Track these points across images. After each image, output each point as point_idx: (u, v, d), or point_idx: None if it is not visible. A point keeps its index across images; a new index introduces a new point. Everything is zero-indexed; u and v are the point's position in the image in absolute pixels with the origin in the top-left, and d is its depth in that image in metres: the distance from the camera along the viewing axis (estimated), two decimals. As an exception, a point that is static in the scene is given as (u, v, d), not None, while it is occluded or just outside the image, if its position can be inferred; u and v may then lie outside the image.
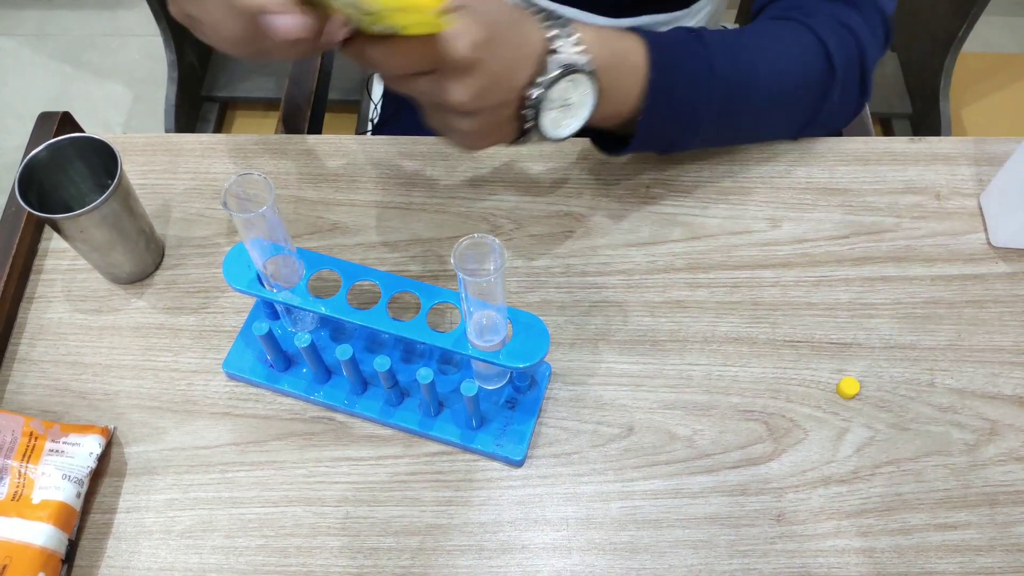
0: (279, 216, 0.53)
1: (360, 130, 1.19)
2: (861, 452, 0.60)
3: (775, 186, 0.71)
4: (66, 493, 0.56)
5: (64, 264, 0.68)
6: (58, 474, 0.56)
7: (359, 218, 0.70)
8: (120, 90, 1.81)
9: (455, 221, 0.70)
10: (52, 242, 0.69)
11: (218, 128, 1.70)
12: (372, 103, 1.14)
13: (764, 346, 0.64)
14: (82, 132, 0.66)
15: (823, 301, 0.66)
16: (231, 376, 0.63)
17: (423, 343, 0.55)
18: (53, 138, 0.62)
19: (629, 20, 0.80)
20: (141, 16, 1.91)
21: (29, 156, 0.60)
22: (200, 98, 1.69)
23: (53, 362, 0.64)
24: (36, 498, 0.55)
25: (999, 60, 1.64)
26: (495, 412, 0.60)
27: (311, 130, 1.01)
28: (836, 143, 0.74)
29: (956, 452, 0.60)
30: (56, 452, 0.57)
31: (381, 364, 0.55)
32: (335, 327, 0.64)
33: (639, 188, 0.71)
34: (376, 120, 1.11)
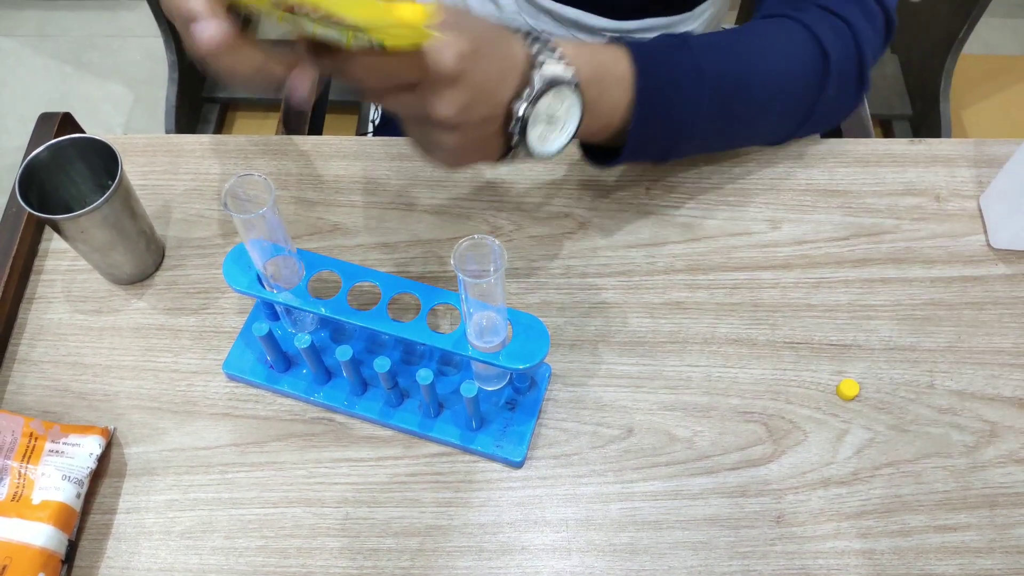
0: (279, 217, 0.53)
1: (361, 131, 1.19)
2: (861, 454, 0.60)
3: (775, 188, 0.72)
4: (66, 494, 0.56)
5: (64, 265, 0.68)
6: (58, 475, 0.56)
7: (359, 219, 0.70)
8: (121, 91, 1.81)
9: (455, 222, 0.70)
10: (52, 243, 0.69)
11: (218, 129, 1.70)
12: (373, 104, 1.14)
13: (764, 347, 0.64)
14: (82, 133, 0.66)
15: (823, 303, 0.66)
16: (231, 377, 0.63)
17: (423, 344, 0.55)
18: (54, 139, 0.62)
19: (632, 23, 0.80)
20: (142, 17, 1.91)
21: (30, 157, 0.60)
22: (201, 99, 1.69)
23: (53, 363, 0.64)
24: (36, 498, 0.55)
25: (999, 62, 1.64)
26: (495, 413, 0.60)
27: (311, 131, 1.01)
28: (836, 144, 0.74)
29: (956, 454, 0.60)
30: (56, 453, 0.57)
31: (381, 365, 0.55)
32: (335, 328, 0.64)
33: (639, 190, 0.71)
34: (377, 121, 1.11)
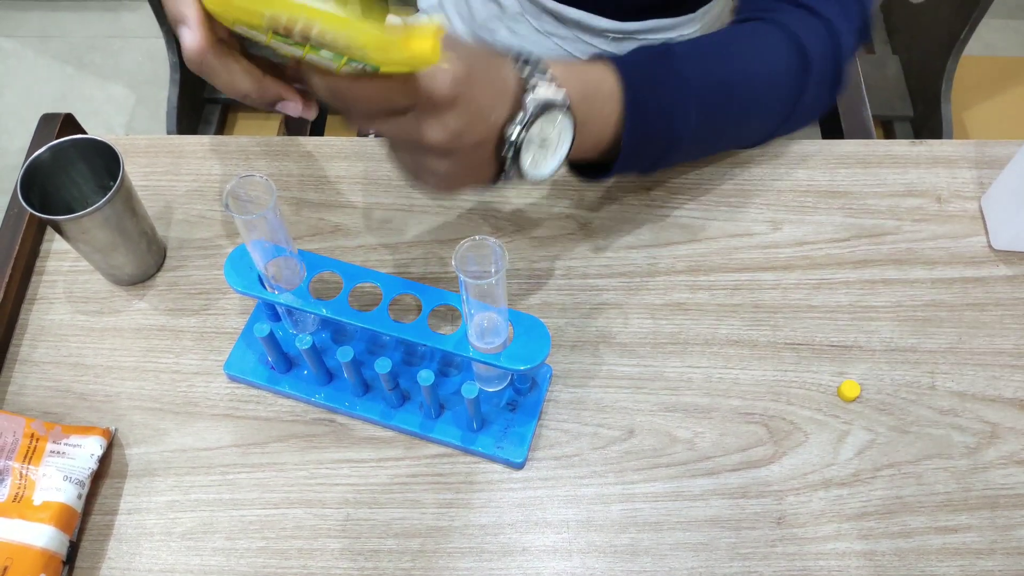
0: (280, 218, 0.53)
1: (362, 132, 1.19)
2: (862, 455, 0.60)
3: (776, 189, 0.72)
4: (67, 494, 0.56)
5: (66, 266, 0.68)
6: (59, 475, 0.56)
7: (360, 220, 0.70)
8: (122, 92, 1.81)
9: (456, 223, 0.70)
10: (54, 243, 0.69)
11: (220, 130, 1.70)
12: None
13: (765, 349, 0.64)
14: (84, 134, 0.66)
15: (824, 304, 0.66)
16: (232, 378, 0.63)
17: (424, 345, 0.55)
18: (55, 139, 0.62)
19: (635, 24, 0.80)
20: (143, 18, 1.91)
21: (31, 158, 0.60)
22: (202, 100, 1.69)
23: (54, 363, 0.64)
24: (37, 499, 0.55)
25: (1001, 63, 1.64)
26: (496, 414, 0.60)
27: (313, 132, 1.01)
28: (837, 146, 0.74)
29: (957, 455, 0.60)
30: (57, 453, 0.57)
31: (382, 366, 0.55)
32: (336, 329, 0.64)
33: (640, 191, 0.71)
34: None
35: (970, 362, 0.64)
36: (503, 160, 0.51)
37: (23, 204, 0.58)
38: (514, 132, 0.50)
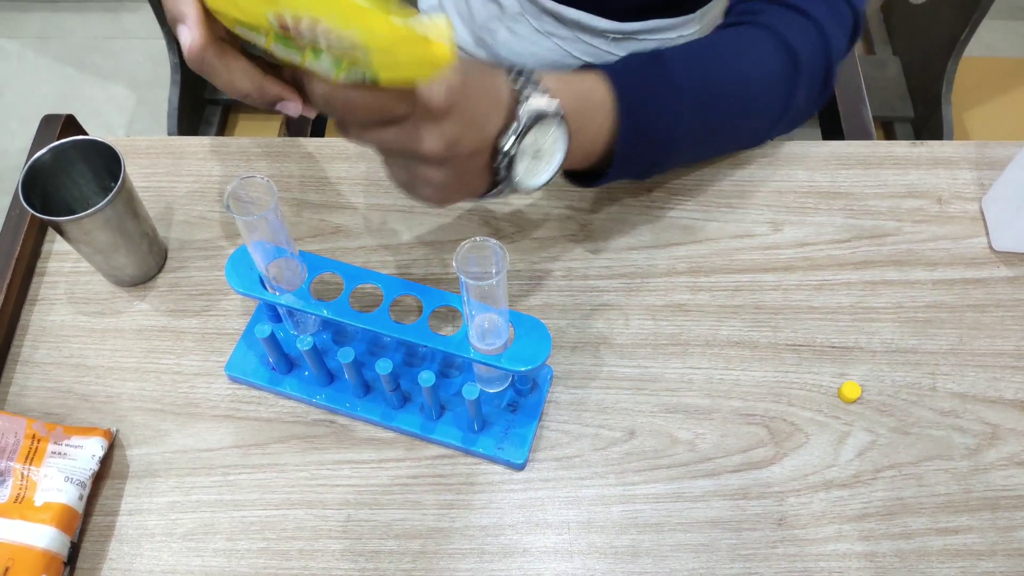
0: (281, 219, 0.53)
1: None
2: (863, 456, 0.60)
3: (777, 190, 0.72)
4: (68, 495, 0.56)
5: (67, 267, 0.68)
6: (60, 476, 0.56)
7: (361, 221, 0.70)
8: (123, 93, 1.82)
9: (457, 224, 0.70)
10: (55, 244, 0.69)
11: (221, 131, 1.70)
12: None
13: (765, 350, 0.64)
14: (85, 135, 0.66)
15: (825, 305, 0.66)
16: (233, 379, 0.63)
17: (425, 346, 0.55)
18: (56, 141, 0.62)
19: (635, 24, 0.80)
20: (144, 19, 1.92)
21: (32, 159, 0.60)
22: (203, 101, 1.69)
23: (56, 364, 0.64)
24: (39, 500, 0.55)
25: (1002, 64, 1.64)
26: (497, 415, 0.60)
27: (314, 133, 1.01)
28: (838, 147, 0.74)
29: (957, 456, 0.60)
30: (58, 454, 0.57)
31: (383, 367, 0.55)
32: (337, 330, 0.64)
33: (641, 192, 0.71)
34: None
35: (971, 363, 0.64)
36: (497, 170, 0.51)
37: (24, 205, 0.58)
38: (508, 142, 0.50)
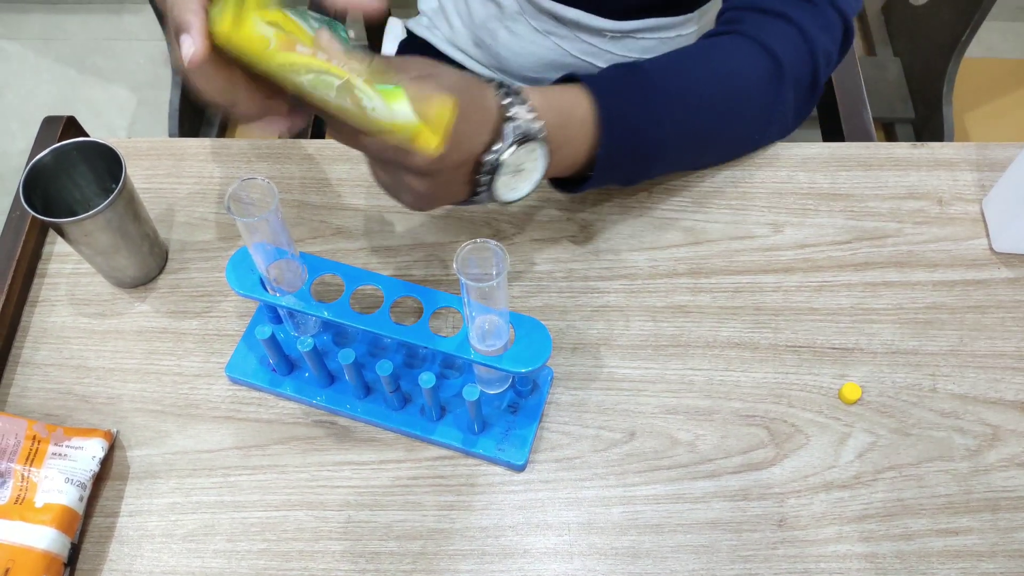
0: (282, 220, 0.53)
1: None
2: (863, 457, 0.60)
3: (777, 191, 0.72)
4: (69, 497, 0.56)
5: (68, 268, 0.68)
6: (61, 478, 0.56)
7: (362, 223, 0.70)
8: (124, 94, 1.82)
9: (457, 225, 0.70)
10: (56, 246, 0.69)
11: (222, 132, 1.70)
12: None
13: (766, 351, 0.64)
14: (86, 136, 0.66)
15: (825, 306, 0.66)
16: (234, 380, 0.63)
17: (425, 347, 0.55)
18: (58, 142, 0.62)
19: (634, 23, 0.80)
20: (146, 20, 1.92)
21: (34, 160, 0.60)
22: (204, 102, 1.69)
23: (56, 366, 0.64)
24: (39, 501, 0.55)
25: (1002, 66, 1.64)
26: (497, 416, 0.60)
27: (314, 135, 1.01)
28: (838, 148, 0.74)
29: (958, 457, 0.60)
30: (59, 456, 0.57)
31: (383, 368, 0.55)
32: (338, 331, 0.64)
33: (641, 194, 0.71)
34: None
35: (971, 364, 0.64)
36: (478, 182, 0.54)
37: (25, 207, 0.58)
38: (491, 158, 0.52)
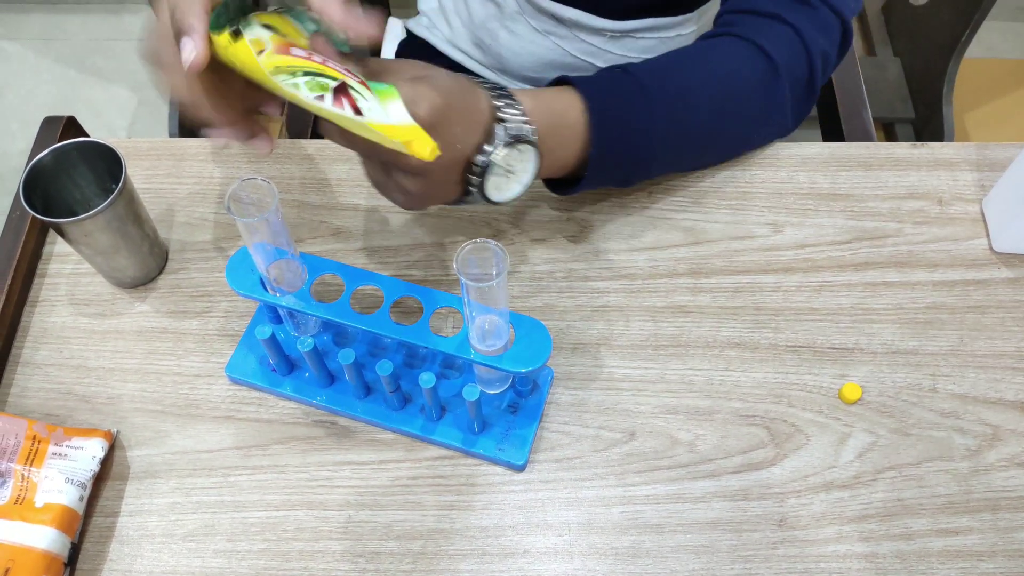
0: (282, 220, 0.53)
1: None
2: (863, 457, 0.60)
3: (777, 191, 0.72)
4: (69, 496, 0.56)
5: (68, 268, 0.68)
6: (61, 477, 0.56)
7: (362, 223, 0.70)
8: (125, 94, 1.82)
9: (457, 225, 0.70)
10: (56, 246, 0.69)
11: (222, 132, 1.70)
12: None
13: (766, 351, 0.64)
14: (86, 136, 0.66)
15: (825, 306, 0.66)
16: (234, 380, 0.63)
17: (425, 347, 0.55)
18: (58, 142, 0.62)
19: (634, 23, 0.80)
20: (146, 20, 1.92)
21: (34, 160, 0.60)
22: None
23: (56, 366, 0.64)
24: (39, 501, 0.55)
25: (1002, 66, 1.64)
26: (497, 416, 0.60)
27: (315, 135, 1.01)
28: (838, 148, 0.74)
29: (958, 457, 0.60)
30: (59, 456, 0.57)
31: (383, 368, 0.55)
32: (338, 331, 0.64)
33: (641, 194, 0.71)
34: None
35: (971, 364, 0.64)
36: (469, 182, 0.54)
37: (25, 207, 0.58)
38: (482, 159, 0.53)
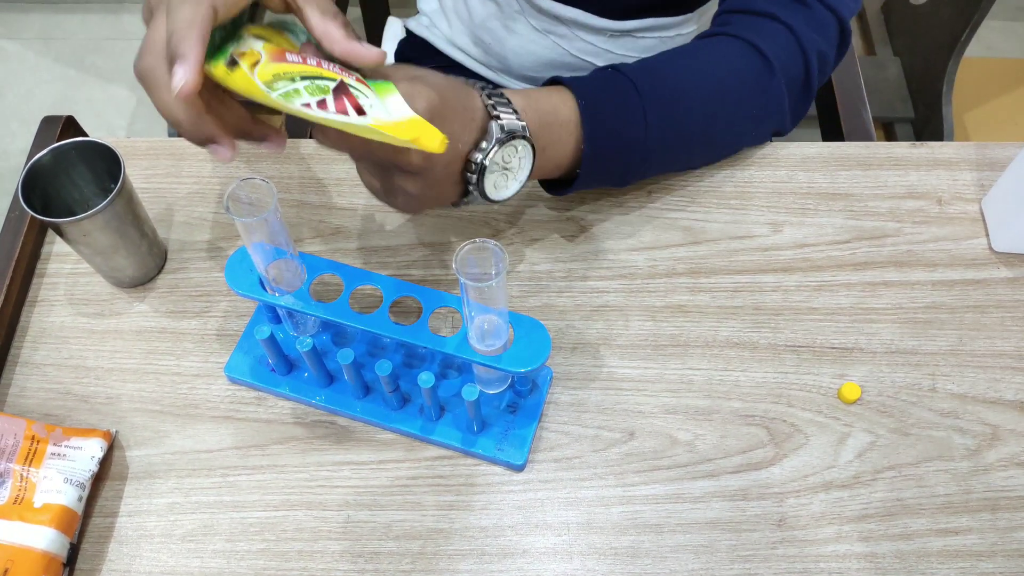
0: (281, 220, 0.53)
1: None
2: (862, 457, 0.60)
3: (776, 191, 0.71)
4: (68, 497, 0.56)
5: (67, 268, 0.68)
6: (60, 478, 0.56)
7: (361, 222, 0.70)
8: (124, 94, 1.82)
9: (457, 225, 0.70)
10: (55, 246, 0.69)
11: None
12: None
13: (765, 351, 0.64)
14: (86, 136, 0.66)
15: (824, 306, 0.66)
16: (233, 380, 0.63)
17: (424, 347, 0.55)
18: (57, 142, 0.62)
19: (634, 22, 0.80)
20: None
21: (33, 160, 0.60)
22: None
23: (55, 366, 0.64)
24: (38, 502, 0.55)
25: (1002, 65, 1.64)
26: (496, 416, 0.60)
27: (314, 135, 1.01)
28: (838, 148, 0.74)
29: (957, 457, 0.60)
30: (58, 456, 0.57)
31: (382, 368, 0.55)
32: (337, 331, 0.64)
33: (640, 193, 0.71)
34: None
35: (971, 364, 0.64)
36: (468, 181, 0.55)
37: (24, 207, 0.58)
38: (479, 157, 0.54)
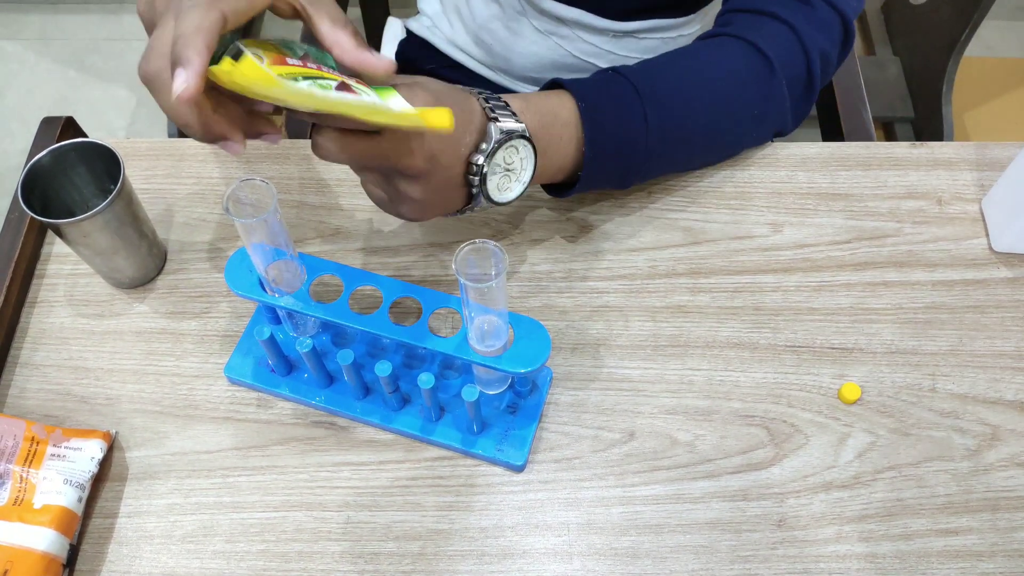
0: (281, 221, 0.53)
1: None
2: (863, 457, 0.60)
3: (776, 191, 0.71)
4: (68, 498, 0.56)
5: (67, 269, 0.68)
6: (60, 479, 0.56)
7: (361, 223, 0.70)
8: (123, 94, 1.82)
9: (457, 226, 0.70)
10: (55, 247, 0.69)
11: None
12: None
13: (765, 351, 0.64)
14: (85, 137, 0.66)
15: (824, 306, 0.66)
16: (233, 381, 0.63)
17: (424, 348, 0.55)
18: (56, 143, 0.62)
19: (637, 23, 0.80)
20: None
21: (32, 161, 0.60)
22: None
23: (55, 366, 0.64)
24: (38, 503, 0.55)
25: (1002, 65, 1.64)
26: (496, 417, 0.60)
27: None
28: (838, 148, 0.74)
29: (958, 457, 0.60)
30: (58, 457, 0.57)
31: (382, 369, 0.55)
32: (337, 332, 0.64)
33: (640, 194, 0.71)
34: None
35: (971, 364, 0.64)
36: (471, 184, 0.55)
37: (24, 207, 0.58)
38: (480, 159, 0.54)
